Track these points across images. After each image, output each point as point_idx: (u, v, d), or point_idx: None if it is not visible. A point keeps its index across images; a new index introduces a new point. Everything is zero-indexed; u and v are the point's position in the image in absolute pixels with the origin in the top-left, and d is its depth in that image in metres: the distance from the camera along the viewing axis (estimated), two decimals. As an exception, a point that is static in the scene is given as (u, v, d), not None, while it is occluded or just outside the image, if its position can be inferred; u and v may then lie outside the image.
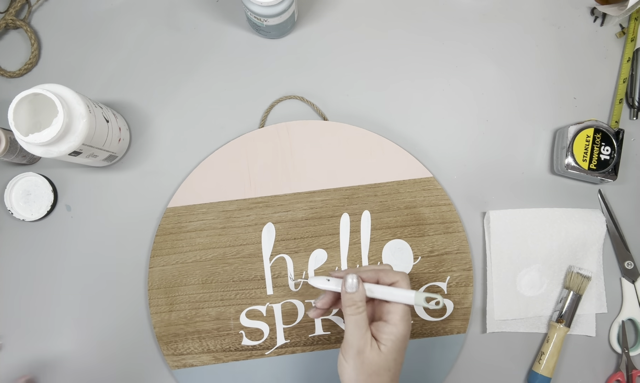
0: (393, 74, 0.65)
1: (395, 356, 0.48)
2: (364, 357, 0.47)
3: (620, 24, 0.66)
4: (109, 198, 0.63)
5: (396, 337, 0.48)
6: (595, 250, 0.62)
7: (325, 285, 0.52)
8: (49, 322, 0.61)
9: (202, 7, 0.65)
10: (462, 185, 0.64)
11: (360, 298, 0.48)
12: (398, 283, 0.49)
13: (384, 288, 0.49)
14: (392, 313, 0.48)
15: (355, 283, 0.49)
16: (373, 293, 0.49)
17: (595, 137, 0.61)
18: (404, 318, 0.48)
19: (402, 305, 0.48)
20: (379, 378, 0.47)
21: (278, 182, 0.62)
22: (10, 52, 0.64)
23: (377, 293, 0.49)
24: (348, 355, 0.48)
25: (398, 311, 0.48)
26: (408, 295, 0.48)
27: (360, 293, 0.49)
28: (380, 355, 0.47)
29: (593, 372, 0.63)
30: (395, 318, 0.48)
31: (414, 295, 0.48)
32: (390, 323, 0.48)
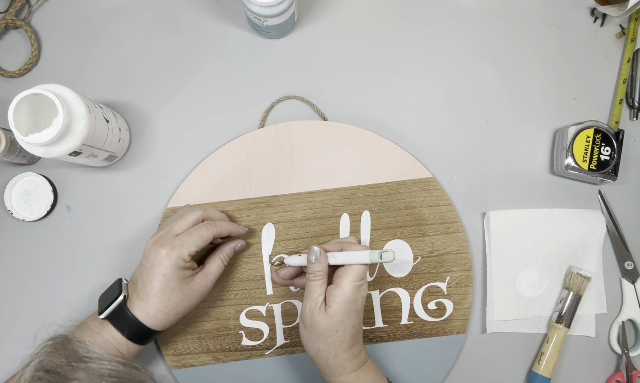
0: (393, 74, 0.65)
1: (341, 318, 0.51)
2: (312, 319, 0.51)
3: (620, 24, 0.66)
4: (109, 198, 0.63)
5: (342, 299, 0.50)
6: (595, 251, 0.62)
7: (298, 261, 0.57)
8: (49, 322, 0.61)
9: (202, 7, 0.65)
10: (462, 185, 0.64)
11: (320, 268, 0.52)
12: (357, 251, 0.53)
13: (344, 254, 0.53)
14: (342, 277, 0.51)
15: (317, 254, 0.52)
16: (335, 258, 0.53)
17: (595, 137, 0.61)
18: (353, 281, 0.51)
19: (352, 270, 0.51)
20: (327, 339, 0.51)
21: (278, 182, 0.62)
22: (10, 52, 0.64)
23: (338, 259, 0.53)
24: (303, 318, 0.53)
25: (347, 276, 0.51)
26: (363, 255, 0.51)
27: (321, 263, 0.52)
28: (327, 317, 0.51)
29: (593, 373, 0.63)
30: (344, 282, 0.51)
31: (368, 253, 0.51)
32: (338, 286, 0.51)
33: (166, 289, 0.51)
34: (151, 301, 0.51)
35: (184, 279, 0.52)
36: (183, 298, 0.52)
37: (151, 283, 0.51)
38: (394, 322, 0.61)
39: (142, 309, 0.51)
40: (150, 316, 0.51)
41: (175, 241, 0.52)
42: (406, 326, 0.61)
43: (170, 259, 0.51)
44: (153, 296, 0.51)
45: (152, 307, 0.51)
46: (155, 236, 0.53)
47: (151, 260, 0.52)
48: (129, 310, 0.51)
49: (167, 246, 0.52)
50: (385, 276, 0.61)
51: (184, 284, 0.52)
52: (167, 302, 0.52)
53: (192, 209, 0.55)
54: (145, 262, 0.52)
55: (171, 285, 0.51)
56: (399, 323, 0.61)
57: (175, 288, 0.52)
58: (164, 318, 0.52)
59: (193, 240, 0.53)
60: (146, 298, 0.51)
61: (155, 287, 0.51)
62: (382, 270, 0.61)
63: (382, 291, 0.61)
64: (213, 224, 0.55)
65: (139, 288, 0.52)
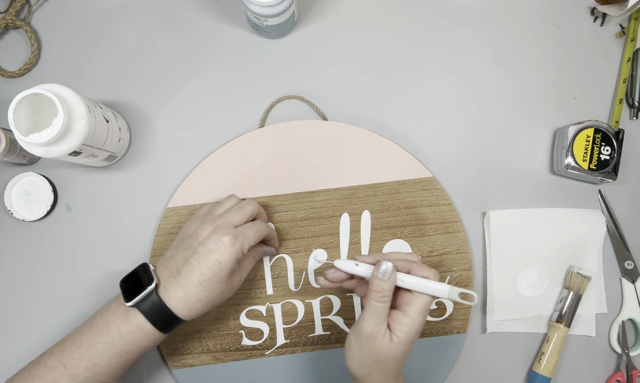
0: (393, 74, 0.65)
1: (404, 348, 0.48)
2: (373, 343, 0.47)
3: (620, 24, 0.66)
4: (109, 198, 0.63)
5: (410, 330, 0.47)
6: (595, 250, 0.62)
7: (353, 268, 0.51)
8: (49, 322, 0.61)
9: (202, 8, 0.65)
10: (462, 185, 0.64)
11: (389, 287, 0.48)
12: (429, 277, 0.49)
13: (416, 279, 0.48)
14: (412, 305, 0.48)
15: (390, 271, 0.48)
16: (404, 283, 0.48)
17: (595, 137, 0.61)
18: (423, 312, 0.48)
19: (423, 300, 0.48)
20: (385, 367, 0.48)
21: (278, 182, 0.62)
22: (10, 52, 0.64)
23: (408, 284, 0.48)
24: (359, 337, 0.48)
25: (418, 305, 0.48)
26: (441, 289, 0.48)
27: (391, 282, 0.48)
28: (391, 345, 0.47)
29: (593, 372, 0.63)
30: (414, 311, 0.47)
31: (447, 288, 0.48)
32: (408, 314, 0.47)
33: (214, 279, 0.49)
34: (194, 289, 0.48)
35: (233, 272, 0.51)
36: (224, 291, 0.51)
37: (201, 270, 0.48)
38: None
39: (180, 297, 0.48)
40: (187, 304, 0.49)
41: (238, 232, 0.50)
42: (406, 326, 0.61)
43: (233, 249, 0.49)
44: (199, 284, 0.48)
45: (194, 296, 0.49)
46: (210, 221, 0.51)
47: (210, 246, 0.49)
48: (161, 298, 0.48)
49: (231, 236, 0.49)
50: (386, 276, 0.61)
51: (230, 277, 0.50)
52: (210, 292, 0.49)
53: (249, 203, 0.55)
54: (198, 247, 0.49)
55: (221, 276, 0.49)
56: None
57: (223, 279, 0.49)
58: (201, 308, 0.50)
59: (253, 234, 0.52)
60: (189, 285, 0.48)
61: (206, 275, 0.48)
62: (382, 270, 0.61)
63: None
64: (266, 224, 0.55)
65: (181, 274, 0.49)
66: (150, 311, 0.49)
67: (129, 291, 0.49)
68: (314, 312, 0.61)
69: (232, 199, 0.56)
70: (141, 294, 0.48)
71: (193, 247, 0.50)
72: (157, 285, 0.49)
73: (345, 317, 0.61)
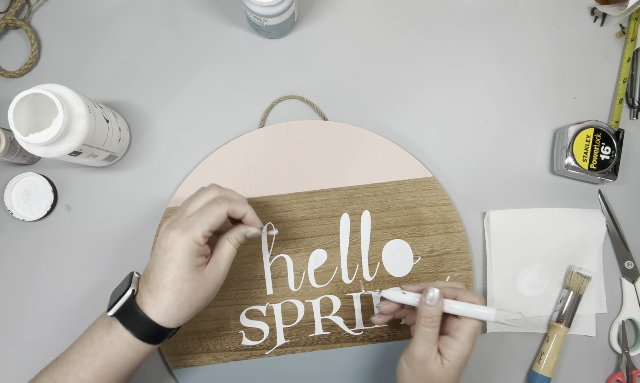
0: (393, 74, 0.65)
1: (455, 373, 0.49)
2: (425, 368, 0.49)
3: (620, 24, 0.66)
4: (109, 198, 0.63)
5: (461, 354, 0.49)
6: (595, 250, 0.62)
7: (401, 297, 0.53)
8: (48, 322, 0.61)
9: (202, 8, 0.65)
10: (462, 185, 0.64)
11: (438, 312, 0.49)
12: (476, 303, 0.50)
13: (463, 305, 0.50)
14: (462, 331, 0.49)
15: (437, 297, 0.50)
16: (452, 309, 0.50)
17: (595, 137, 0.61)
18: (472, 337, 0.49)
19: (472, 324, 0.49)
20: None
21: (278, 182, 0.62)
22: (10, 52, 0.64)
23: (456, 309, 0.50)
24: (411, 361, 0.50)
25: (467, 330, 0.49)
26: (488, 313, 0.50)
27: (439, 307, 0.50)
28: (442, 369, 0.49)
29: (593, 372, 0.63)
30: (464, 337, 0.49)
31: (494, 312, 0.49)
32: (458, 340, 0.49)
33: (178, 278, 0.46)
34: (161, 294, 0.46)
35: (197, 267, 0.47)
36: (197, 289, 0.47)
37: (162, 272, 0.46)
38: (395, 322, 0.61)
39: (152, 303, 0.46)
40: (161, 311, 0.46)
41: (187, 222, 0.47)
42: (406, 326, 0.61)
43: (182, 242, 0.46)
44: (164, 287, 0.46)
45: (163, 301, 0.46)
46: (167, 221, 0.49)
47: (163, 245, 0.47)
48: (138, 306, 0.46)
49: (179, 229, 0.46)
50: (386, 276, 0.61)
51: (197, 272, 0.47)
52: (178, 294, 0.46)
53: (207, 189, 0.50)
54: (157, 249, 0.47)
55: (182, 273, 0.46)
56: (399, 322, 0.61)
57: (187, 277, 0.46)
58: (177, 313, 0.47)
59: (205, 219, 0.47)
60: (156, 290, 0.46)
61: (167, 276, 0.46)
62: (381, 270, 0.61)
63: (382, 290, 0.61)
64: (226, 200, 0.49)
65: (150, 280, 0.47)
66: (129, 320, 0.47)
67: (111, 301, 0.49)
68: (314, 312, 0.61)
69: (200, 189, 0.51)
70: (118, 303, 0.47)
71: (155, 249, 0.48)
72: (135, 293, 0.48)
73: (345, 317, 0.61)
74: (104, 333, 0.47)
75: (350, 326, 0.61)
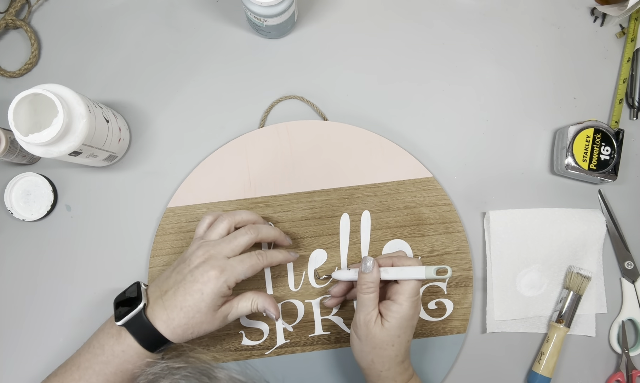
0: (393, 74, 0.65)
1: (398, 332, 0.51)
2: (368, 330, 0.51)
3: (620, 24, 0.66)
4: (109, 198, 0.63)
5: (400, 315, 0.51)
6: (595, 250, 0.62)
7: (348, 275, 0.57)
8: (48, 322, 0.61)
9: (202, 7, 0.65)
10: (462, 185, 0.64)
11: (373, 279, 0.52)
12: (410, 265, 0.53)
13: (397, 269, 0.52)
14: (399, 294, 0.52)
15: (370, 265, 0.52)
16: (388, 273, 0.53)
17: (595, 137, 0.61)
18: (410, 298, 0.51)
19: (409, 286, 0.51)
20: (383, 352, 0.51)
21: (278, 182, 0.62)
22: (10, 52, 0.64)
23: (391, 273, 0.52)
24: (357, 329, 0.53)
25: (405, 292, 0.51)
26: (419, 271, 0.51)
27: (374, 274, 0.52)
28: (383, 331, 0.51)
29: (593, 372, 0.63)
30: (402, 298, 0.51)
31: (424, 269, 0.51)
32: (396, 302, 0.51)
33: (195, 308, 0.49)
34: (176, 314, 0.49)
35: (216, 306, 0.51)
36: (204, 322, 0.50)
37: (184, 297, 0.49)
38: None
39: (164, 319, 0.49)
40: (169, 328, 0.49)
41: (227, 265, 0.50)
42: (406, 326, 0.61)
43: (217, 283, 0.49)
44: (180, 309, 0.49)
45: (175, 320, 0.49)
46: (204, 250, 0.51)
47: (196, 275, 0.50)
48: (148, 319, 0.49)
49: (218, 269, 0.50)
50: (385, 276, 0.61)
51: (212, 310, 0.50)
52: (190, 320, 0.50)
53: (246, 232, 0.53)
54: (187, 274, 0.50)
55: (201, 306, 0.49)
56: None
57: (203, 310, 0.50)
58: (182, 334, 0.50)
59: (243, 270, 0.51)
60: (172, 308, 0.49)
61: (188, 302, 0.49)
62: (382, 270, 0.62)
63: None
64: (265, 255, 0.53)
65: (167, 296, 0.50)
66: (139, 332, 0.50)
67: (120, 311, 0.51)
68: (313, 312, 0.61)
69: (225, 222, 0.54)
70: (129, 315, 0.50)
71: (184, 273, 0.51)
72: (145, 305, 0.50)
73: (345, 317, 0.61)
74: (115, 343, 0.50)
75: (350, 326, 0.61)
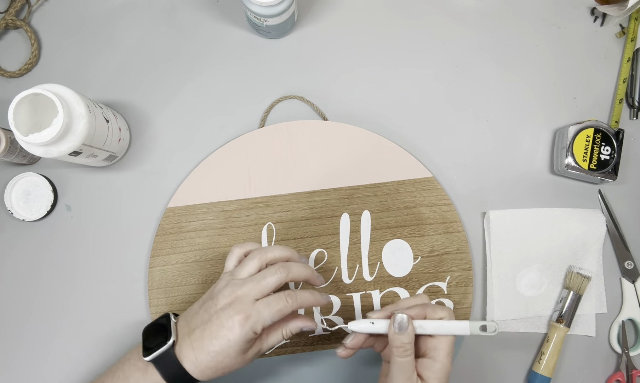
0: (393, 74, 0.65)
1: None
2: None
3: (620, 24, 0.66)
4: (109, 198, 0.63)
5: (442, 374, 0.48)
6: (595, 250, 0.62)
7: (370, 328, 0.50)
8: (49, 322, 0.61)
9: (202, 8, 0.65)
10: (462, 185, 0.64)
11: (409, 340, 0.47)
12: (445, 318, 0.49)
13: (435, 323, 0.48)
14: (439, 350, 0.48)
15: (405, 323, 0.48)
16: (424, 329, 0.48)
17: (595, 137, 0.61)
18: (450, 353, 0.48)
19: (448, 340, 0.48)
20: None
21: (278, 182, 0.62)
22: (10, 52, 0.64)
23: (428, 329, 0.48)
24: None
25: (444, 348, 0.48)
26: (462, 327, 0.48)
27: (410, 334, 0.47)
28: None
29: (593, 372, 0.63)
30: (441, 355, 0.48)
31: (468, 325, 0.48)
32: (436, 360, 0.48)
33: (223, 353, 0.47)
34: (204, 357, 0.47)
35: (245, 350, 0.49)
36: (234, 364, 0.49)
37: (211, 340, 0.47)
38: None
39: (192, 360, 0.48)
40: (198, 368, 0.48)
41: (252, 311, 0.48)
42: (406, 326, 0.61)
43: (242, 329, 0.47)
44: (208, 353, 0.47)
45: (203, 363, 0.48)
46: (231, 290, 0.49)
47: (222, 319, 0.47)
48: (177, 357, 0.48)
49: (243, 314, 0.47)
50: (385, 276, 0.61)
51: (241, 353, 0.48)
52: (218, 364, 0.48)
53: (275, 272, 0.50)
54: (214, 314, 0.48)
55: (230, 351, 0.47)
56: None
57: (232, 355, 0.48)
58: (211, 375, 0.48)
59: (270, 314, 0.48)
60: (200, 351, 0.47)
61: (215, 346, 0.47)
62: (381, 270, 0.61)
63: (382, 290, 0.61)
64: (295, 297, 0.50)
65: (195, 336, 0.48)
66: (166, 369, 0.48)
67: (148, 343, 0.49)
68: (314, 312, 0.61)
69: (255, 260, 0.51)
70: (157, 351, 0.48)
71: (210, 312, 0.49)
72: (175, 342, 0.48)
73: (345, 317, 0.61)
74: (141, 377, 0.48)
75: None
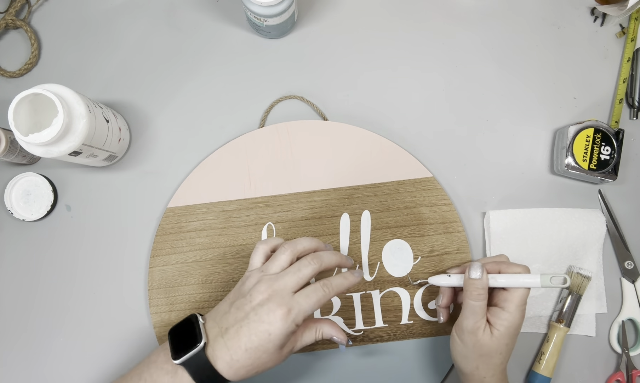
0: (393, 74, 0.65)
1: (507, 341, 0.51)
2: (476, 338, 0.51)
3: (620, 24, 0.66)
4: (109, 198, 0.63)
5: (510, 324, 0.51)
6: (595, 250, 0.62)
7: (447, 281, 0.56)
8: (48, 322, 0.61)
9: (202, 7, 0.65)
10: (462, 185, 0.64)
11: (483, 286, 0.51)
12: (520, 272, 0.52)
13: (508, 276, 0.52)
14: (509, 302, 0.51)
15: (480, 271, 0.51)
16: (497, 281, 0.52)
17: (595, 137, 0.61)
18: (521, 306, 0.51)
19: (520, 294, 0.51)
20: (490, 359, 0.51)
21: (278, 182, 0.62)
22: (10, 52, 0.64)
23: (500, 281, 0.52)
24: (462, 335, 0.52)
25: (515, 300, 0.51)
26: (533, 280, 0.51)
27: (484, 281, 0.51)
28: (493, 339, 0.51)
29: (593, 372, 0.63)
30: (512, 306, 0.51)
31: (539, 278, 0.51)
32: (506, 310, 0.51)
33: (261, 348, 0.46)
34: (240, 355, 0.46)
35: (282, 344, 0.47)
36: (269, 361, 0.48)
37: (249, 337, 0.46)
38: (394, 322, 0.61)
39: (227, 360, 0.46)
40: (232, 368, 0.46)
41: (293, 303, 0.47)
42: (406, 326, 0.61)
43: (284, 323, 0.46)
44: (245, 350, 0.46)
45: (239, 361, 0.46)
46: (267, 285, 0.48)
47: (261, 315, 0.46)
48: (209, 358, 0.46)
49: (285, 307, 0.46)
50: (385, 276, 0.61)
51: (279, 348, 0.47)
52: (255, 361, 0.46)
53: (309, 263, 0.50)
54: (250, 311, 0.47)
55: (268, 346, 0.46)
56: (399, 322, 0.61)
57: (270, 350, 0.47)
58: (244, 374, 0.47)
59: (310, 306, 0.48)
60: (236, 349, 0.46)
61: (253, 342, 0.46)
62: (381, 270, 0.61)
63: (382, 290, 0.61)
64: (330, 285, 0.50)
65: (229, 335, 0.47)
66: (198, 372, 0.46)
67: (176, 346, 0.47)
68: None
69: (287, 253, 0.51)
70: (189, 353, 0.46)
71: (245, 310, 0.47)
72: (206, 343, 0.47)
73: (345, 317, 0.61)
74: (169, 380, 0.47)
75: (350, 326, 0.61)
